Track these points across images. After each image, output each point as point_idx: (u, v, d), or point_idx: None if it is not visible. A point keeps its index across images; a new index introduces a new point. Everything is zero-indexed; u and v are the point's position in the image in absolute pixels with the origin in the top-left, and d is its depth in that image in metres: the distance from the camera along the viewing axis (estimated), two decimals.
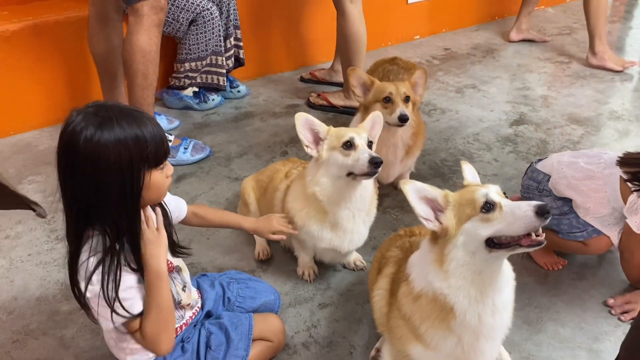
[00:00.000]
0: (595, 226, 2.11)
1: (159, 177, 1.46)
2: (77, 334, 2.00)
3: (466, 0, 5.13)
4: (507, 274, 1.49)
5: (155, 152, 1.40)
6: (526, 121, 3.55)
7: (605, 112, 3.67)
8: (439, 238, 1.44)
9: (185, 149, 3.08)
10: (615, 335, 2.02)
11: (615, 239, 2.11)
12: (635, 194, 1.99)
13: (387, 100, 2.42)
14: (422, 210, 1.43)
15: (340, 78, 3.78)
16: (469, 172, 1.58)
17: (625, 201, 2.02)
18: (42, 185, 2.84)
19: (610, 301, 2.12)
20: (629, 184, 1.99)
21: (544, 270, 2.30)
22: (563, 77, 4.22)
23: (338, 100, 3.59)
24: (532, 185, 2.29)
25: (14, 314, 2.09)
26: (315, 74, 4.06)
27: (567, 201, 2.18)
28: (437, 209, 1.45)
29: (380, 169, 1.89)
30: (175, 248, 1.68)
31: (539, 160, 2.37)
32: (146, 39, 2.62)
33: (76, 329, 2.03)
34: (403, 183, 1.44)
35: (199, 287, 1.85)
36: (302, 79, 4.10)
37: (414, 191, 1.44)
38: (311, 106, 3.64)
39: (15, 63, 3.16)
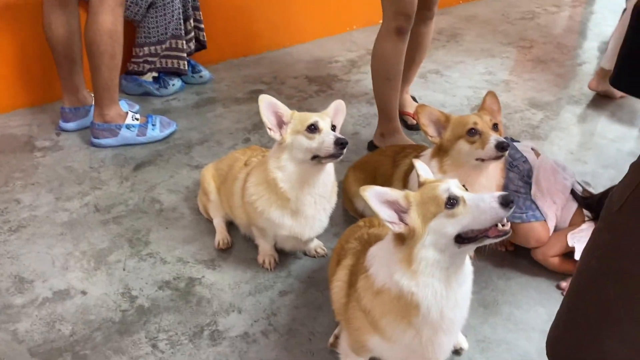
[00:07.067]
0: (542, 209, 2.21)
1: None
2: (31, 328, 1.96)
3: None
4: (468, 266, 1.51)
5: None
6: None
7: (565, 96, 3.73)
8: (405, 239, 1.41)
9: (154, 125, 3.06)
10: None
11: (551, 223, 2.22)
12: (587, 222, 2.21)
13: (473, 133, 2.01)
14: (385, 214, 1.40)
15: None
16: (422, 169, 1.55)
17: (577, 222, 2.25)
18: None
19: (563, 284, 2.18)
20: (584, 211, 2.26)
21: (500, 254, 2.34)
22: (525, 61, 4.27)
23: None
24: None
25: None
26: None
27: (527, 185, 2.24)
28: (400, 210, 1.42)
29: (345, 150, 1.88)
30: None
31: (512, 139, 2.41)
32: (111, 19, 2.66)
33: (30, 322, 1.98)
34: (362, 189, 1.40)
35: None
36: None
37: (374, 196, 1.40)
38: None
39: None
